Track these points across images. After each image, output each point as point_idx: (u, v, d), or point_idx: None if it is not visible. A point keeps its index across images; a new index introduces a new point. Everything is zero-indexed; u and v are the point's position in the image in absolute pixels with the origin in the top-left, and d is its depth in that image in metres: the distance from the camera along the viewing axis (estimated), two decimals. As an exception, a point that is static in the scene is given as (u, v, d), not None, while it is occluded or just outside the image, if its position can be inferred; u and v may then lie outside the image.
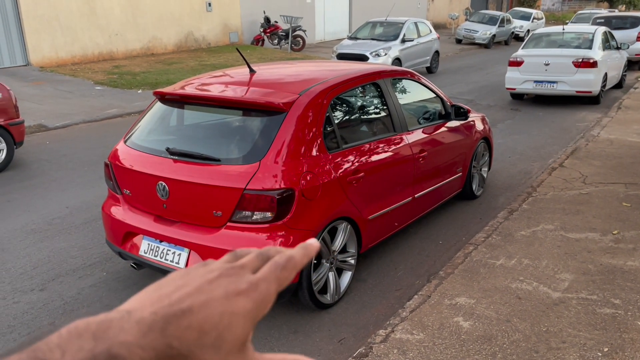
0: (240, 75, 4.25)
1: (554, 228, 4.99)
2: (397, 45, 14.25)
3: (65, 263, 4.58)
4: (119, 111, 10.34)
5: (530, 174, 6.91)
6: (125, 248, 3.92)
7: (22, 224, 5.35)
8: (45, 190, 6.29)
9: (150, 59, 16.16)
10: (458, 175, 5.58)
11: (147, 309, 0.40)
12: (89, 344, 0.37)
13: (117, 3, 15.86)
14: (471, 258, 4.43)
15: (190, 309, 0.40)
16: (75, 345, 0.37)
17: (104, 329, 0.38)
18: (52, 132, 9.10)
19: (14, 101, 7.05)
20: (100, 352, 0.37)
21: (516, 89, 11.35)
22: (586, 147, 7.77)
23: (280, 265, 0.45)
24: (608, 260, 4.35)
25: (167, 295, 0.42)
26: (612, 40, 12.16)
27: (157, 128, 4.17)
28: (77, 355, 0.36)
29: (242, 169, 3.50)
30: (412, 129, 4.79)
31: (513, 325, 3.52)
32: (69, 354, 0.36)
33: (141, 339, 0.38)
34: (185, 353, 0.40)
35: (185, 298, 0.41)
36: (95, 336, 0.38)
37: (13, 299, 4.06)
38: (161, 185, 3.67)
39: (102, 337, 0.38)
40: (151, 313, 0.40)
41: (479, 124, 5.97)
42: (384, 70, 4.77)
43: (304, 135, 3.69)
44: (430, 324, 3.55)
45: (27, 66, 14.18)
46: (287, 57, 16.97)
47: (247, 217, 3.48)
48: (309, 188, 3.59)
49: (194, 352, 0.40)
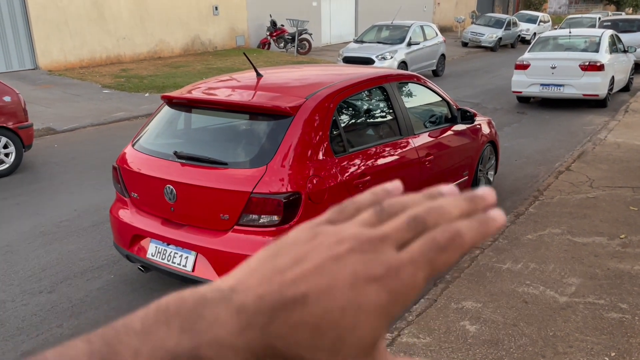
0: (247, 79, 4.27)
1: (561, 232, 4.98)
2: (403, 48, 14.25)
3: (74, 265, 4.61)
4: (126, 114, 10.40)
5: (536, 178, 6.89)
6: (132, 251, 3.95)
7: (31, 227, 5.40)
8: (53, 193, 6.34)
9: (157, 62, 16.25)
10: (464, 179, 5.57)
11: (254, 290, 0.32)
12: (174, 338, 0.31)
13: (125, 7, 15.97)
14: (477, 262, 4.43)
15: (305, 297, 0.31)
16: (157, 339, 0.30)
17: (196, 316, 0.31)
18: (61, 135, 9.17)
19: (22, 104, 7.12)
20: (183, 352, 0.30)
21: (523, 92, 11.33)
22: (593, 150, 7.74)
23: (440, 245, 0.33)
24: (615, 265, 4.34)
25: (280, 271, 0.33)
26: (619, 44, 12.13)
27: (165, 132, 4.20)
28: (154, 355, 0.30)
29: (249, 172, 3.52)
30: (419, 133, 4.79)
31: (520, 329, 3.51)
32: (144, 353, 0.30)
33: (237, 336, 0.31)
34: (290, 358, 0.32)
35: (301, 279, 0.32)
36: (182, 327, 0.31)
37: (22, 301, 4.10)
38: (169, 188, 3.69)
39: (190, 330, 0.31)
40: (257, 297, 0.32)
41: (485, 128, 5.97)
42: (390, 74, 4.78)
43: (310, 139, 3.70)
44: (436, 328, 3.55)
45: (35, 70, 14.29)
46: (293, 61, 17.02)
47: (254, 220, 3.50)
48: (315, 192, 3.60)
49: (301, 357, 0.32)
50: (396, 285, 0.32)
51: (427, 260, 0.33)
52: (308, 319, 0.31)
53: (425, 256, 0.33)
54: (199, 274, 3.59)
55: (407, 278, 0.32)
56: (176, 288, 0.65)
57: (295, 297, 0.31)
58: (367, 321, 0.32)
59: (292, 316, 0.31)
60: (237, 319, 0.31)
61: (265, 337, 0.31)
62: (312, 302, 0.31)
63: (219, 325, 0.31)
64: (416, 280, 0.33)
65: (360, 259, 0.32)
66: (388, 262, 0.32)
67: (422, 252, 0.33)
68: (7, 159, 6.96)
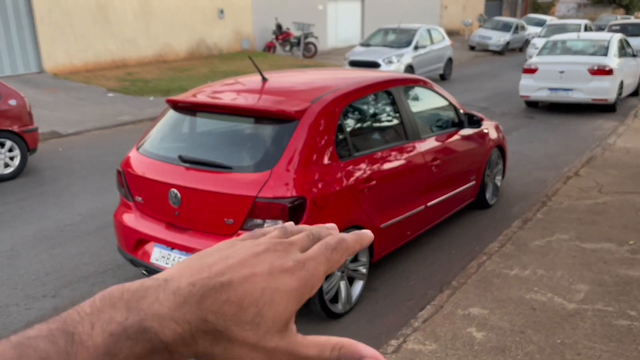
0: (253, 82, 4.25)
1: (569, 238, 4.92)
2: (409, 52, 14.22)
3: (77, 270, 4.59)
4: (131, 118, 10.41)
5: (545, 183, 6.83)
6: (136, 255, 3.93)
7: (35, 231, 5.39)
8: (57, 197, 6.34)
9: (162, 65, 16.29)
10: (471, 183, 5.52)
11: (186, 279, 0.38)
12: (121, 314, 0.36)
13: (130, 10, 16.03)
14: (485, 268, 4.38)
15: (230, 283, 0.38)
16: (107, 316, 0.36)
17: (138, 298, 0.37)
18: (65, 138, 9.19)
19: (28, 108, 7.13)
20: (132, 324, 0.36)
21: (531, 97, 11.27)
22: (602, 155, 7.67)
23: (331, 247, 0.43)
24: (624, 271, 4.27)
25: (208, 266, 0.40)
26: (628, 48, 12.05)
27: (170, 135, 4.18)
28: (107, 327, 0.35)
29: (253, 176, 3.49)
30: (425, 137, 4.75)
31: (527, 336, 3.46)
32: (98, 325, 0.35)
33: (176, 311, 0.37)
34: (221, 329, 0.38)
35: (227, 271, 0.39)
36: (128, 306, 0.36)
37: (25, 305, 4.08)
38: (173, 192, 3.66)
39: (135, 308, 0.36)
40: (189, 284, 0.38)
41: (492, 132, 5.92)
42: (397, 78, 4.75)
43: (316, 143, 3.67)
44: (442, 335, 3.50)
45: (41, 73, 14.35)
46: (298, 64, 17.02)
47: (258, 225, 3.46)
48: (320, 196, 3.57)
49: (230, 328, 0.38)
50: (303, 275, 0.41)
51: (324, 258, 0.42)
52: (234, 298, 0.38)
53: (323, 254, 0.42)
54: (203, 279, 3.56)
55: (311, 269, 0.41)
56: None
57: (222, 282, 0.38)
58: (281, 300, 0.39)
59: (221, 296, 0.38)
60: (174, 298, 0.37)
61: (199, 312, 0.37)
62: (236, 285, 0.38)
63: (160, 303, 0.37)
64: (318, 273, 0.42)
65: (275, 255, 0.41)
66: (296, 258, 0.41)
67: (321, 251, 0.42)
68: (12, 162, 6.97)
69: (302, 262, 0.41)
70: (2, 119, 6.83)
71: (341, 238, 0.44)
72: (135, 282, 0.38)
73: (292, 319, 0.42)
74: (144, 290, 0.37)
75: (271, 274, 0.40)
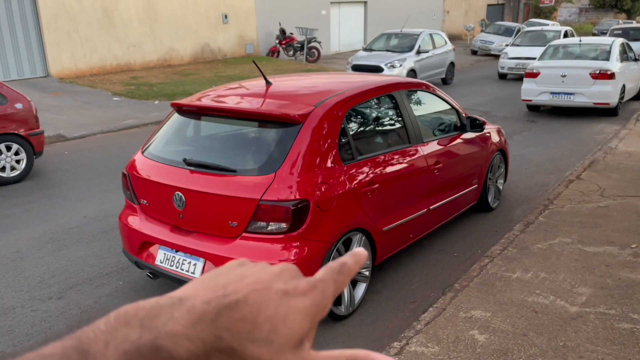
0: (257, 87, 4.29)
1: (571, 241, 4.94)
2: (412, 56, 14.26)
3: (83, 272, 4.63)
4: (136, 122, 10.47)
5: (547, 187, 6.85)
6: (141, 257, 3.96)
7: (40, 233, 5.43)
8: (63, 200, 6.38)
9: (167, 70, 16.36)
10: (474, 187, 5.55)
11: (200, 298, 0.39)
12: (135, 333, 0.36)
13: (135, 15, 16.12)
14: (487, 271, 4.40)
15: (245, 300, 0.39)
16: (121, 334, 0.36)
17: (152, 316, 0.37)
18: (71, 142, 9.24)
19: (34, 112, 7.19)
20: (145, 343, 0.36)
21: (532, 101, 11.28)
22: (604, 159, 7.69)
23: (336, 270, 0.45)
24: (627, 275, 4.29)
25: (223, 284, 0.40)
26: (629, 52, 12.06)
27: (174, 139, 4.22)
28: (121, 346, 0.35)
29: (257, 179, 3.53)
30: (428, 141, 4.78)
31: (529, 339, 3.48)
32: (112, 344, 0.35)
33: (190, 329, 0.37)
34: (235, 346, 0.38)
35: (242, 288, 0.40)
36: (142, 325, 0.36)
37: (31, 307, 4.11)
38: (178, 195, 3.70)
39: (149, 326, 0.36)
40: (203, 302, 0.38)
41: (494, 136, 5.95)
42: (399, 82, 4.78)
43: (319, 147, 3.70)
44: (445, 337, 3.52)
45: (47, 77, 14.44)
46: (302, 69, 17.08)
47: (262, 227, 3.50)
48: (323, 199, 3.60)
49: (244, 345, 0.38)
50: (316, 296, 0.42)
51: (332, 280, 0.44)
52: (248, 315, 0.38)
53: (330, 277, 0.45)
54: (207, 281, 3.59)
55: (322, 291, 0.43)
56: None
57: (237, 300, 0.39)
58: (295, 317, 0.40)
59: (236, 314, 0.38)
60: (189, 316, 0.37)
61: (214, 330, 0.37)
62: (251, 303, 0.39)
63: (174, 322, 0.37)
64: (328, 294, 0.43)
65: (289, 276, 0.43)
66: (307, 281, 0.43)
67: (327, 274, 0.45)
68: (18, 165, 7.03)
69: (313, 283, 0.43)
70: (9, 122, 6.89)
71: (343, 262, 0.47)
72: (150, 300, 0.38)
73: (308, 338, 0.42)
74: (158, 309, 0.37)
75: (286, 294, 0.40)
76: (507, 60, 16.81)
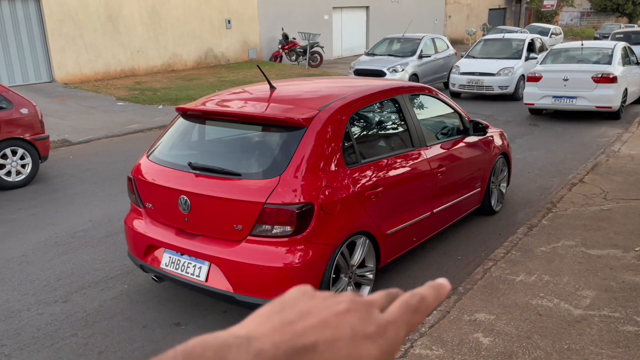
0: (260, 91, 4.32)
1: (575, 244, 4.95)
2: (414, 61, 14.30)
3: (88, 275, 4.65)
4: (140, 126, 10.52)
5: (549, 190, 6.86)
6: (146, 261, 3.98)
7: (46, 237, 5.46)
8: (68, 204, 6.42)
9: (170, 75, 16.44)
10: (477, 190, 5.56)
11: (269, 338, 0.37)
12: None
13: (139, 21, 16.21)
14: (490, 274, 4.41)
15: (315, 347, 0.38)
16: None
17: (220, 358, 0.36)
18: (76, 146, 9.29)
19: (39, 117, 7.24)
20: None
21: (535, 104, 11.30)
22: (607, 162, 7.69)
23: (413, 308, 0.42)
24: (630, 277, 4.29)
25: (290, 323, 0.39)
26: (631, 56, 12.07)
27: (179, 143, 4.25)
28: None
29: (262, 183, 3.55)
30: (431, 144, 4.80)
31: (534, 342, 3.48)
32: None
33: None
34: None
35: (310, 331, 0.38)
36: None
37: (37, 310, 4.14)
38: (183, 199, 3.73)
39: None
40: (272, 345, 0.37)
41: (497, 140, 5.97)
42: (402, 86, 4.80)
43: (323, 151, 3.73)
44: (449, 340, 3.53)
45: (51, 82, 14.52)
46: (305, 73, 17.13)
47: (267, 231, 3.52)
48: (328, 202, 3.62)
49: None
50: (385, 343, 0.40)
51: (405, 322, 0.41)
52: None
53: (403, 317, 0.41)
54: (212, 284, 3.61)
55: (393, 336, 0.40)
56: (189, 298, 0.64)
57: (306, 345, 0.37)
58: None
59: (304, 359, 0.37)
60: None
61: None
62: (320, 350, 0.37)
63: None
64: (399, 339, 0.41)
65: (357, 316, 0.40)
66: (377, 321, 0.40)
67: (401, 313, 0.42)
68: (24, 170, 7.07)
69: (384, 326, 0.40)
70: (14, 127, 6.94)
71: (422, 297, 0.43)
72: (218, 337, 0.37)
73: None
74: (226, 348, 0.36)
75: (354, 339, 0.39)
76: (458, 75, 13.80)
